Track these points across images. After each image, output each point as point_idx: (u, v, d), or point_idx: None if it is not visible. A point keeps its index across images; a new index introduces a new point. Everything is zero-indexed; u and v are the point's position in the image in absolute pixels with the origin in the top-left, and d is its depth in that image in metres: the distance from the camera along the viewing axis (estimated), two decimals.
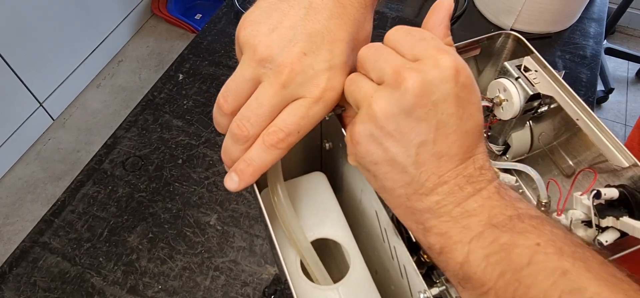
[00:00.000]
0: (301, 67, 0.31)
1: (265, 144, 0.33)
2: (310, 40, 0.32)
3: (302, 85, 0.32)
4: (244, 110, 0.33)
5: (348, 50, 0.33)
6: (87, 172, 0.71)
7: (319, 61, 0.32)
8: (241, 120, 0.33)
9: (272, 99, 0.32)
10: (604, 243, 0.41)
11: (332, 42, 0.32)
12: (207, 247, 0.63)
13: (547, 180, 0.52)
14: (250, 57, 0.32)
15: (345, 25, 0.33)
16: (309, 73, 0.32)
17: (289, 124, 0.32)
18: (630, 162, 0.43)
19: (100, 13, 2.02)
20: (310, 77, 0.32)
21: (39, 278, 0.60)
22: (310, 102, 0.32)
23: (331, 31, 0.32)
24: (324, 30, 0.32)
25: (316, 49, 0.32)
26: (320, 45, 0.32)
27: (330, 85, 0.32)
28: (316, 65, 0.32)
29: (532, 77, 0.49)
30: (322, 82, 0.32)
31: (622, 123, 1.99)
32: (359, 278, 0.41)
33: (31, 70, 1.76)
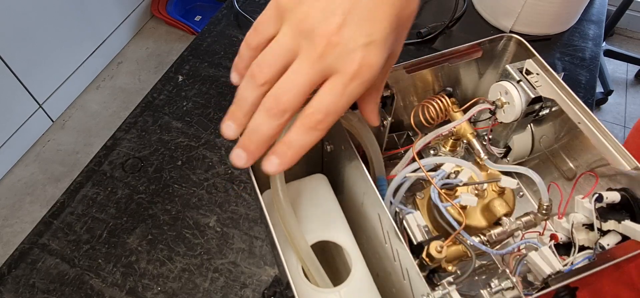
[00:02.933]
0: (339, 39, 0.31)
1: (305, 127, 0.32)
2: (352, 13, 0.31)
3: (338, 58, 0.31)
4: (281, 82, 0.32)
5: (390, 27, 0.32)
6: (87, 173, 0.70)
7: (359, 35, 0.31)
8: (278, 92, 0.32)
9: (309, 70, 0.32)
10: (606, 247, 0.41)
11: (375, 16, 0.31)
12: (207, 248, 0.62)
13: (548, 183, 0.52)
14: (290, 26, 0.32)
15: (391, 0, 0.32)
16: (347, 47, 0.31)
17: (326, 104, 0.32)
18: (632, 166, 0.42)
19: (100, 15, 2.02)
20: (347, 51, 0.31)
21: (38, 280, 0.60)
22: (346, 78, 0.31)
23: (376, 5, 0.32)
24: (369, 3, 0.31)
25: (357, 23, 0.31)
26: (362, 19, 0.31)
27: (366, 62, 0.31)
28: (355, 39, 0.31)
29: (533, 80, 0.49)
30: (358, 57, 0.31)
31: (621, 125, 1.99)
32: (360, 281, 0.41)
33: (31, 72, 1.75)
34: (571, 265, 0.41)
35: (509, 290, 0.37)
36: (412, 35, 0.88)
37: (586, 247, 0.43)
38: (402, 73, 0.50)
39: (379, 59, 0.32)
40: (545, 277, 0.40)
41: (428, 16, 0.94)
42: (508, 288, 0.37)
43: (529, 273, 0.43)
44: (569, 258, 0.43)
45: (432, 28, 0.88)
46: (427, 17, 0.94)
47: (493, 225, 0.46)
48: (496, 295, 0.37)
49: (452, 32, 0.91)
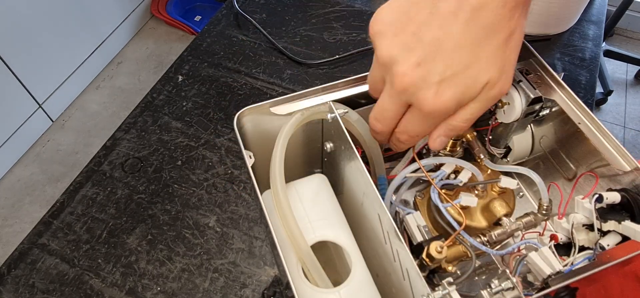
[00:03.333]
0: (413, 78, 0.33)
1: (396, 143, 0.40)
2: (427, 49, 0.33)
3: (414, 94, 0.34)
4: (373, 111, 0.39)
5: (467, 60, 0.33)
6: (86, 173, 0.70)
7: (432, 74, 0.33)
8: (372, 118, 0.40)
9: (390, 104, 0.36)
10: (606, 247, 0.41)
11: (450, 51, 0.33)
12: (206, 248, 0.62)
13: (548, 183, 0.52)
14: (375, 57, 0.36)
15: (471, 30, 0.32)
16: (421, 85, 0.33)
17: (408, 130, 0.38)
18: (632, 166, 0.42)
19: (100, 15, 2.02)
20: (422, 88, 0.33)
21: (38, 280, 0.60)
22: (421, 114, 0.35)
23: (452, 38, 0.33)
24: (445, 36, 0.32)
25: (431, 60, 0.33)
26: (436, 55, 0.33)
27: (438, 101, 0.34)
28: (428, 77, 0.33)
29: (533, 81, 0.49)
30: (430, 97, 0.34)
31: (621, 125, 1.99)
32: (360, 281, 0.40)
33: (30, 72, 1.75)
34: (571, 265, 0.41)
35: (509, 290, 0.37)
36: None
37: (586, 248, 0.43)
38: None
39: (450, 95, 0.34)
40: (545, 277, 0.40)
41: None
42: (508, 289, 0.37)
43: (529, 274, 0.43)
44: (569, 259, 0.42)
45: None
46: None
47: (493, 226, 0.46)
48: (496, 296, 0.37)
49: None
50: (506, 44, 0.33)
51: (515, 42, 0.34)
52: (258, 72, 0.84)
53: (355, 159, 0.42)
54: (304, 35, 0.90)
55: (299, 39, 0.90)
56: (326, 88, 0.47)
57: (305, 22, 0.93)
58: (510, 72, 0.34)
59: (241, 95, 0.80)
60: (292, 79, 0.83)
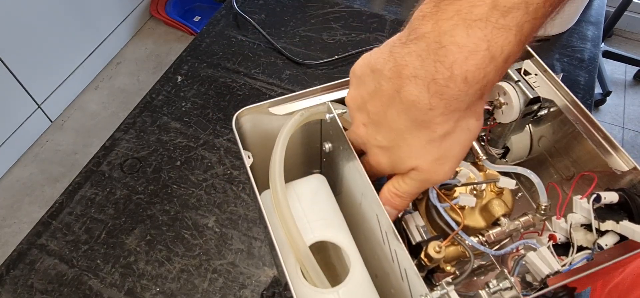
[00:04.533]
0: (361, 134, 0.39)
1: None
2: (371, 117, 0.38)
3: (363, 146, 0.40)
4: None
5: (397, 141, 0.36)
6: (85, 174, 0.70)
7: (373, 138, 0.38)
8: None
9: (353, 134, 0.42)
10: (604, 247, 0.41)
11: (386, 127, 0.36)
12: (205, 249, 0.62)
13: (546, 183, 0.52)
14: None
15: (402, 119, 0.35)
16: (366, 142, 0.40)
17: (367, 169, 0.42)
18: (630, 166, 0.43)
19: (99, 15, 2.01)
20: (366, 145, 0.40)
21: (36, 281, 0.60)
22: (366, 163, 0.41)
23: (387, 118, 0.36)
24: (383, 115, 0.36)
25: (373, 127, 0.38)
26: (376, 125, 0.38)
27: (374, 161, 0.39)
28: (370, 139, 0.39)
29: (532, 81, 0.49)
30: (370, 154, 0.40)
31: (619, 126, 2.00)
32: (359, 281, 0.41)
33: (29, 72, 1.75)
34: (569, 265, 0.41)
35: (508, 290, 0.37)
36: None
37: (584, 247, 0.43)
38: None
39: (384, 161, 0.38)
40: (544, 277, 0.40)
41: None
42: (506, 289, 0.37)
43: (528, 274, 0.43)
44: (567, 259, 0.42)
45: None
46: None
47: (491, 226, 0.46)
48: (495, 296, 0.37)
49: None
50: (442, 140, 0.34)
51: (458, 138, 0.34)
52: (257, 72, 0.84)
53: (354, 159, 0.42)
54: (303, 35, 0.90)
55: (298, 39, 0.90)
56: (325, 88, 0.47)
57: (304, 22, 0.93)
58: (451, 162, 0.35)
59: (240, 95, 0.80)
60: (291, 79, 0.83)
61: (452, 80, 0.30)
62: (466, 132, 0.34)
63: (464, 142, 0.35)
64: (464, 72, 0.30)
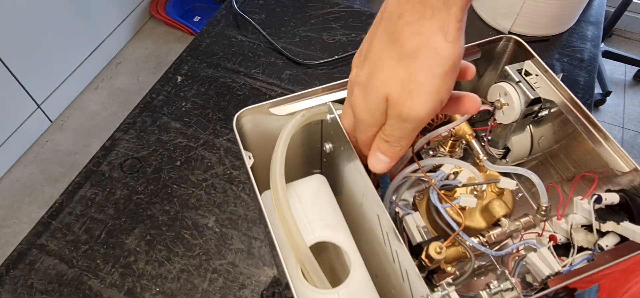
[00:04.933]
0: (351, 77, 0.39)
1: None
2: (363, 54, 0.38)
3: (349, 92, 0.40)
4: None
5: (374, 67, 0.36)
6: (85, 174, 0.70)
7: (359, 76, 0.38)
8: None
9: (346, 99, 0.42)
10: (605, 248, 0.41)
11: (370, 58, 0.36)
12: (205, 249, 0.62)
13: (547, 184, 0.52)
14: None
15: (381, 38, 0.35)
16: (352, 84, 0.39)
17: (355, 131, 0.41)
18: (631, 167, 0.43)
19: (99, 15, 2.01)
20: (351, 86, 0.40)
21: (36, 281, 0.60)
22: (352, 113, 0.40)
23: (372, 45, 0.36)
24: (369, 43, 0.37)
25: (361, 63, 0.38)
26: (364, 59, 0.37)
27: (354, 101, 0.39)
28: (356, 78, 0.39)
29: (532, 81, 0.49)
30: (352, 96, 0.39)
31: (619, 126, 2.00)
32: (359, 282, 0.40)
33: (29, 72, 1.75)
34: (570, 266, 0.41)
35: (508, 291, 0.37)
36: None
37: (585, 248, 0.43)
38: None
39: (360, 102, 0.37)
40: (544, 277, 0.40)
41: None
42: (507, 289, 0.37)
43: (528, 274, 0.43)
44: (567, 259, 0.43)
45: None
46: None
47: (492, 226, 0.46)
48: (495, 296, 0.37)
49: None
50: (410, 59, 0.32)
51: (426, 61, 0.32)
52: (257, 72, 0.84)
53: (355, 159, 0.42)
54: (303, 35, 0.90)
55: (298, 39, 0.90)
56: (326, 88, 0.47)
57: (304, 22, 0.93)
58: (419, 93, 0.33)
59: (240, 95, 0.80)
60: (291, 79, 0.83)
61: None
62: (433, 54, 0.32)
63: (432, 68, 0.32)
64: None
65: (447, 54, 0.32)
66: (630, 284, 0.48)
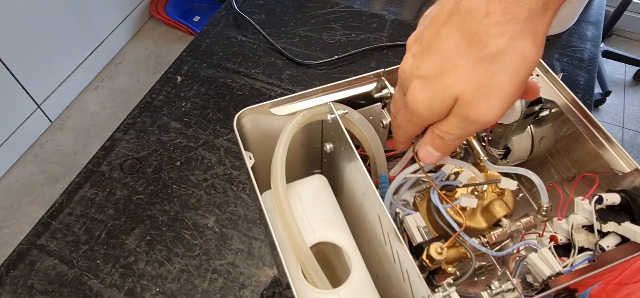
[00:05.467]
0: (406, 67, 0.36)
1: (395, 138, 0.41)
2: (423, 44, 0.35)
3: (404, 84, 0.37)
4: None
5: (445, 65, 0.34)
6: (85, 174, 0.70)
7: (420, 68, 0.35)
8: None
9: (396, 93, 0.39)
10: (606, 248, 0.41)
11: (437, 52, 0.34)
12: (205, 249, 0.62)
13: (547, 184, 0.52)
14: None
15: (454, 35, 0.33)
16: (409, 76, 0.36)
17: (400, 123, 0.39)
18: (632, 167, 0.42)
19: (99, 15, 2.01)
20: (409, 79, 0.36)
21: (36, 281, 0.60)
22: (406, 107, 0.36)
23: (440, 39, 0.34)
24: (436, 36, 0.34)
25: (421, 55, 0.35)
26: (426, 51, 0.34)
27: (412, 97, 0.36)
28: (416, 71, 0.35)
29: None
30: (411, 90, 0.36)
31: (619, 125, 2.00)
32: (360, 282, 0.40)
33: (29, 72, 1.75)
34: (571, 266, 0.41)
35: (510, 291, 0.37)
36: None
37: (586, 249, 0.43)
38: None
39: (423, 96, 0.34)
40: (545, 278, 0.40)
41: None
42: (508, 290, 0.37)
43: (529, 275, 0.43)
44: (568, 260, 0.42)
45: None
46: None
47: (493, 227, 0.46)
48: (496, 297, 0.37)
49: None
50: (492, 61, 0.30)
51: (510, 64, 0.30)
52: (257, 72, 0.84)
53: (355, 160, 0.42)
54: (303, 35, 0.90)
55: (298, 39, 0.89)
56: (326, 88, 0.47)
57: (304, 22, 0.93)
58: (497, 96, 0.31)
59: (240, 95, 0.80)
60: (291, 79, 0.83)
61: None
62: (520, 58, 0.30)
63: (516, 72, 0.30)
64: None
65: (533, 59, 0.30)
66: (623, 294, 0.48)
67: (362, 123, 0.46)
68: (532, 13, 0.29)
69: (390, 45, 0.87)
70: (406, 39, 0.37)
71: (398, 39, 0.88)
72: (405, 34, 0.89)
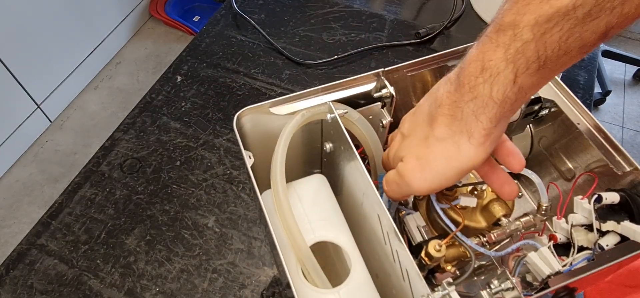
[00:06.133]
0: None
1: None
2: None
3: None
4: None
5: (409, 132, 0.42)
6: (85, 174, 0.70)
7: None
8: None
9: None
10: (605, 247, 0.41)
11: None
12: (205, 249, 0.62)
13: (547, 183, 0.52)
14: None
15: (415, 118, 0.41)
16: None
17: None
18: (631, 166, 0.43)
19: (98, 15, 2.01)
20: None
21: (36, 281, 0.60)
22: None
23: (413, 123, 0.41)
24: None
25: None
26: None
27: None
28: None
29: None
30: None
31: (619, 125, 2.00)
32: (359, 281, 0.40)
33: (29, 72, 1.75)
34: (570, 265, 0.41)
35: (509, 290, 0.37)
36: (410, 36, 0.88)
37: (585, 248, 0.43)
38: (402, 73, 0.50)
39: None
40: (545, 277, 0.40)
41: (426, 17, 0.94)
42: (508, 289, 0.37)
43: (528, 274, 0.43)
44: (568, 259, 0.42)
45: (431, 29, 0.88)
46: (426, 17, 0.94)
47: (492, 226, 0.46)
48: (496, 296, 0.37)
49: (450, 33, 0.91)
50: (434, 143, 0.36)
51: (446, 151, 0.35)
52: (257, 72, 0.84)
53: (355, 159, 0.42)
54: (302, 35, 0.90)
55: (298, 39, 0.90)
56: (326, 88, 0.47)
57: (304, 22, 0.93)
58: (429, 173, 0.37)
59: (240, 95, 0.80)
60: (291, 79, 0.83)
61: (457, 81, 0.34)
62: (455, 149, 0.35)
63: (450, 159, 0.35)
64: (463, 76, 0.34)
65: (468, 154, 0.35)
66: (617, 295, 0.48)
67: (361, 122, 0.46)
68: (465, 115, 0.34)
69: (390, 45, 0.87)
70: (406, 39, 0.38)
71: (398, 39, 0.88)
72: (405, 33, 0.89)
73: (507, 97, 0.32)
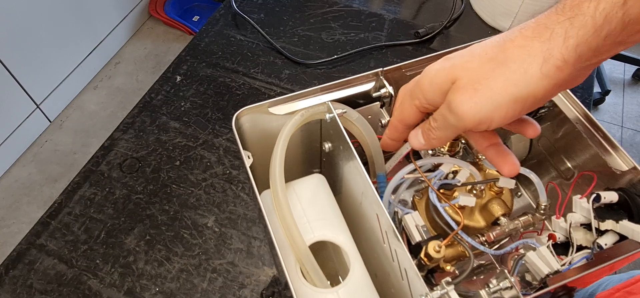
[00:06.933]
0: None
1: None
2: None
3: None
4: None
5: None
6: (84, 174, 0.70)
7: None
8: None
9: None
10: (604, 246, 0.41)
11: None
12: (205, 249, 0.62)
13: (546, 183, 0.52)
14: None
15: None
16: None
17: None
18: (630, 166, 0.43)
19: (98, 15, 2.01)
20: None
21: (36, 281, 0.60)
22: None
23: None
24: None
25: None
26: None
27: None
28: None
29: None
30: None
31: (618, 125, 2.00)
32: (358, 281, 0.41)
33: (28, 72, 1.75)
34: (569, 264, 0.41)
35: (508, 290, 0.37)
36: (410, 36, 0.88)
37: (584, 247, 0.43)
38: (401, 73, 0.50)
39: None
40: (544, 276, 0.40)
41: (426, 16, 0.94)
42: (506, 288, 0.37)
43: (527, 273, 0.43)
44: (566, 258, 0.43)
45: (430, 28, 0.88)
46: (425, 17, 0.94)
47: (491, 225, 0.46)
48: (494, 295, 0.37)
49: (449, 32, 0.91)
50: (499, 64, 0.32)
51: (512, 73, 0.31)
52: (256, 72, 0.84)
53: (354, 159, 0.42)
54: (302, 35, 0.90)
55: (297, 38, 0.90)
56: (325, 88, 0.47)
57: (303, 22, 0.93)
58: (483, 97, 0.32)
59: (239, 95, 0.80)
60: (290, 78, 0.83)
61: (557, 6, 0.30)
62: (521, 73, 0.31)
63: (507, 82, 0.31)
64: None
65: (532, 81, 0.31)
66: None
67: (360, 122, 0.46)
68: (554, 37, 0.30)
69: (389, 44, 0.87)
70: (405, 38, 0.38)
71: (397, 38, 0.88)
72: (404, 33, 0.89)
73: (608, 20, 0.28)
